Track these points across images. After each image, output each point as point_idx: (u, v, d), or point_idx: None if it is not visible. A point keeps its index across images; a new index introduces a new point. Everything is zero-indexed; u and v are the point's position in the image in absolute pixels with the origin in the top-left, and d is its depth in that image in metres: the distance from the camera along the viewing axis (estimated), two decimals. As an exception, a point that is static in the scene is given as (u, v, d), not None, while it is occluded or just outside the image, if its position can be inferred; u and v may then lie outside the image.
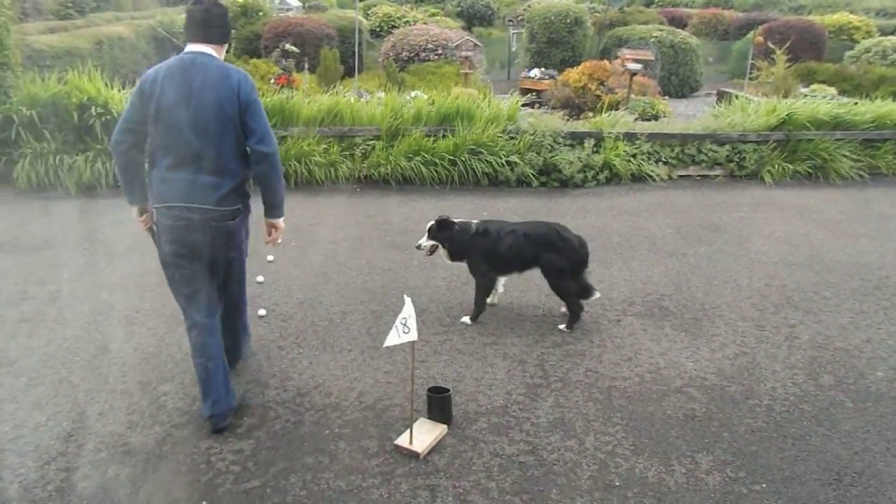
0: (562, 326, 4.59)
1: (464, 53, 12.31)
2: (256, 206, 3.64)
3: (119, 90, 7.75)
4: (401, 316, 3.21)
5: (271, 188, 3.53)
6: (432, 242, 4.63)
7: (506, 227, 4.61)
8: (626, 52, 12.21)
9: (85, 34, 12.29)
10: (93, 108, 7.32)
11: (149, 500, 3.01)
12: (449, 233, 4.58)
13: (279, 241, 3.75)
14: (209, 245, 3.40)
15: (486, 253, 4.56)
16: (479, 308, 4.68)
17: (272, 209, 3.60)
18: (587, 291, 4.60)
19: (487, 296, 4.72)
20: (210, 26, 3.42)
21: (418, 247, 4.71)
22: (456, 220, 4.63)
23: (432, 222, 4.64)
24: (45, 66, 8.86)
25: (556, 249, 4.48)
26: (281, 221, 3.66)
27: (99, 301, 4.87)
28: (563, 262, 4.48)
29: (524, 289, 5.16)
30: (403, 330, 3.19)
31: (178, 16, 16.29)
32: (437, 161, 7.65)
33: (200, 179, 3.31)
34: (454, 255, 4.66)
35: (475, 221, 4.70)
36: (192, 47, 3.42)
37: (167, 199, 3.33)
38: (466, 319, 4.66)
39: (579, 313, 4.59)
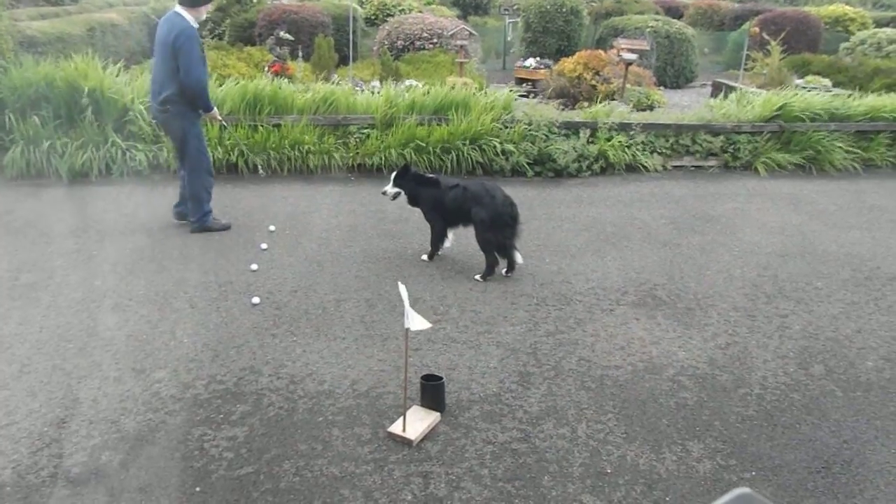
0: (477, 276, 5.16)
1: (459, 42, 12.26)
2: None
3: (117, 74, 7.70)
4: (407, 307, 3.22)
5: (193, 101, 5.66)
6: (396, 189, 5.36)
7: (451, 182, 5.30)
8: (621, 42, 12.19)
9: (77, 20, 12.19)
10: (85, 92, 7.26)
11: (142, 486, 3.02)
12: (408, 180, 5.32)
13: (217, 119, 6.15)
14: (164, 124, 5.98)
15: (435, 202, 5.27)
16: (434, 249, 5.46)
17: (204, 110, 5.83)
18: (509, 254, 5.18)
19: (441, 241, 5.43)
20: None
21: (384, 192, 5.41)
22: (414, 170, 5.44)
23: (396, 171, 5.40)
24: (37, 53, 8.77)
25: (483, 204, 5.06)
26: (213, 112, 5.93)
27: (92, 287, 4.85)
28: (486, 215, 5.04)
29: (517, 277, 5.18)
30: (411, 317, 3.21)
31: (171, 3, 16.19)
32: (432, 150, 7.64)
33: (155, 89, 5.66)
34: (411, 201, 5.42)
35: (430, 174, 5.51)
36: (175, 7, 5.56)
37: (150, 97, 5.91)
38: (425, 257, 5.48)
39: (494, 267, 5.18)
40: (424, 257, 5.48)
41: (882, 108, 8.66)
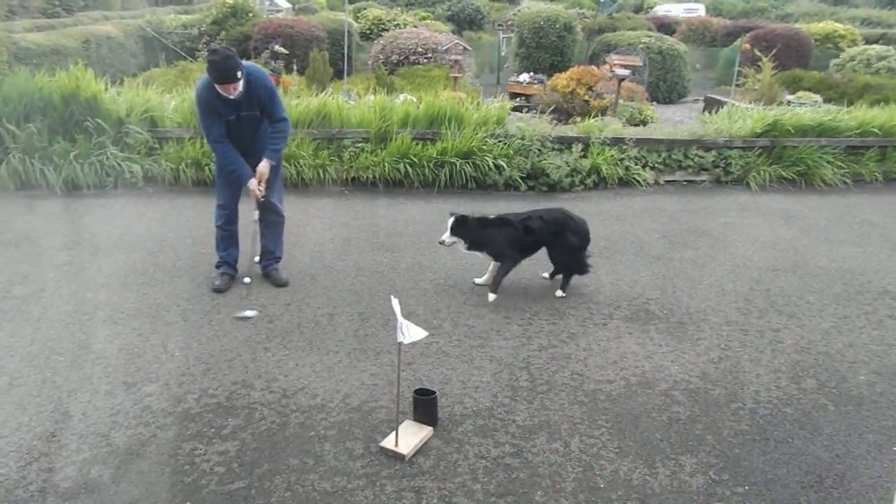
0: (560, 293, 5.17)
1: (453, 57, 12.33)
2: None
3: (106, 89, 7.71)
4: (399, 319, 3.22)
5: None
6: (454, 238, 5.00)
7: (521, 216, 5.11)
8: (614, 58, 12.28)
9: (73, 32, 12.23)
10: (79, 105, 7.27)
11: (132, 501, 2.99)
12: (468, 228, 4.99)
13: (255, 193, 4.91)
14: None
15: (510, 240, 5.03)
16: (497, 283, 5.12)
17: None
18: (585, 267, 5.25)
19: (508, 272, 5.16)
20: None
21: (441, 242, 5.07)
22: (471, 216, 5.05)
23: (452, 219, 4.99)
24: (31, 64, 8.79)
25: (574, 230, 5.09)
26: (248, 184, 4.86)
27: (83, 300, 4.83)
28: (578, 240, 5.11)
29: (511, 292, 5.18)
30: (405, 330, 3.21)
31: (167, 16, 16.26)
32: (425, 164, 7.66)
33: None
34: (473, 246, 5.08)
35: (492, 216, 5.15)
36: None
37: None
38: (492, 297, 5.07)
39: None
40: (492, 297, 5.04)
41: (871, 123, 8.74)
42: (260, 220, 5.19)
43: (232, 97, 4.62)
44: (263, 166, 4.85)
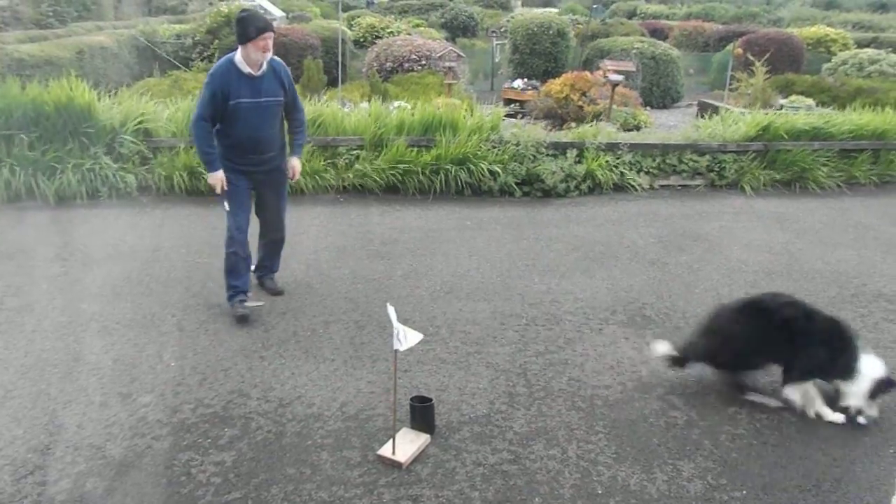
0: None
1: (447, 64, 12.39)
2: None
3: (100, 99, 7.70)
4: (395, 326, 3.21)
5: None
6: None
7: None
8: (607, 64, 12.34)
9: (66, 43, 12.22)
10: (73, 115, 7.25)
11: (127, 513, 2.97)
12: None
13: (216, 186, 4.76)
14: None
15: None
16: None
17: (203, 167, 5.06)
18: None
19: None
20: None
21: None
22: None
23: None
24: (24, 76, 8.78)
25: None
26: (212, 176, 4.69)
27: (77, 311, 4.81)
28: None
29: (507, 297, 5.18)
30: (401, 336, 3.21)
31: (160, 25, 16.26)
32: (420, 171, 7.67)
33: None
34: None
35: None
36: None
37: None
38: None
39: None
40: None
41: (865, 126, 8.78)
42: (261, 236, 5.13)
43: (257, 74, 4.47)
44: (296, 162, 4.95)
